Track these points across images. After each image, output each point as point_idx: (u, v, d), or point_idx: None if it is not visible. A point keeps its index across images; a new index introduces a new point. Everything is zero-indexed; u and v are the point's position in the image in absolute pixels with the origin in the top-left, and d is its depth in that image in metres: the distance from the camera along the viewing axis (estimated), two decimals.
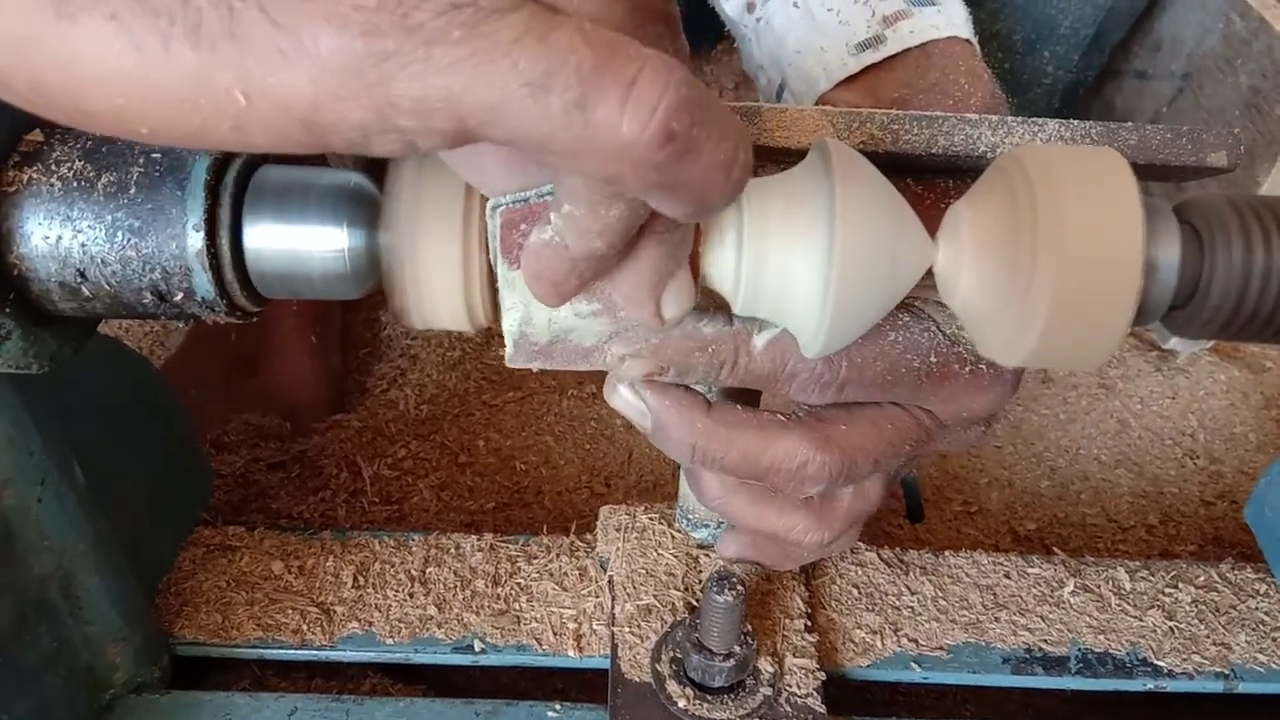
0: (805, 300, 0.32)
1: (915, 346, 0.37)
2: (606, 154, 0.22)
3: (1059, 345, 0.30)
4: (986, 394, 0.39)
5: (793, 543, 0.44)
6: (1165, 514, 0.77)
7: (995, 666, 0.56)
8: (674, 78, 0.22)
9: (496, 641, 0.56)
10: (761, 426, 0.38)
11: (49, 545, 0.47)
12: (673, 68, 0.22)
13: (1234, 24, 0.78)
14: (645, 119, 0.22)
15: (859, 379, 0.37)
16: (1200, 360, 0.90)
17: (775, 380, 0.37)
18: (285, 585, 0.58)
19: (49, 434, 0.45)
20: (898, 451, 0.39)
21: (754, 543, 0.47)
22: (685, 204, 0.24)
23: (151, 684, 0.54)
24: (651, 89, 0.22)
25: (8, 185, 0.32)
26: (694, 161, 0.23)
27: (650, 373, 0.37)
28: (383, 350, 0.88)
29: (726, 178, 0.24)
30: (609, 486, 0.77)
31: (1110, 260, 0.29)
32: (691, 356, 0.36)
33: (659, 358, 0.36)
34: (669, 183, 0.23)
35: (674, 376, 0.37)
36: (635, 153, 0.22)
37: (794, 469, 0.38)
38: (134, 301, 0.33)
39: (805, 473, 0.38)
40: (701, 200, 0.24)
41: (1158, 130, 0.38)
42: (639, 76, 0.22)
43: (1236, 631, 0.58)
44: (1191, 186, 0.70)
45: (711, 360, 0.37)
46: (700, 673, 0.50)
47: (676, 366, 0.37)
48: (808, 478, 0.38)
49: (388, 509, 0.74)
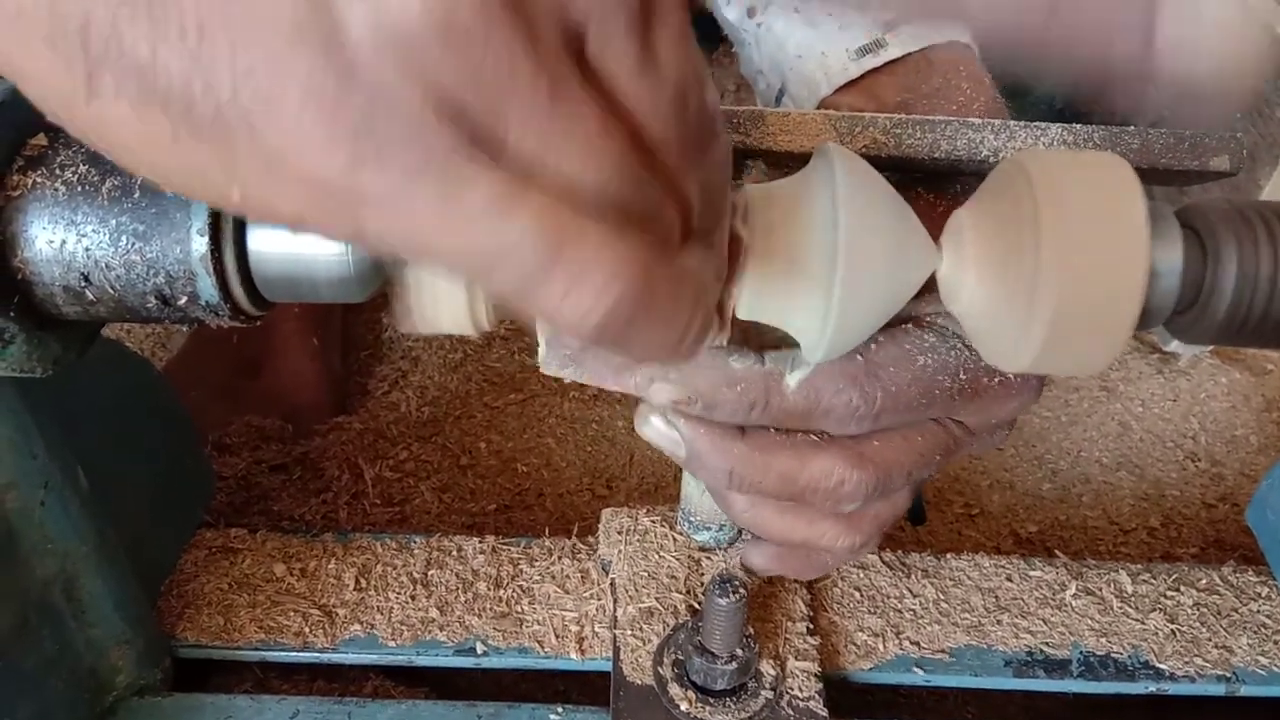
0: (809, 306, 0.32)
1: (945, 367, 0.37)
2: (550, 320, 0.24)
3: (1062, 351, 0.30)
4: (1015, 400, 0.39)
5: (822, 550, 0.43)
6: (1167, 516, 0.77)
7: (997, 669, 0.56)
8: (620, 275, 0.23)
9: (498, 644, 0.56)
10: (796, 448, 0.38)
11: (52, 548, 0.47)
12: (621, 263, 0.23)
13: None
14: (581, 313, 0.23)
15: (894, 407, 0.37)
16: (1201, 363, 0.90)
17: (809, 418, 0.37)
18: (287, 587, 0.58)
19: (52, 437, 0.45)
20: (929, 462, 0.39)
21: (779, 554, 0.47)
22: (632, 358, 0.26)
23: (154, 686, 0.54)
24: (591, 288, 0.23)
25: (12, 189, 0.32)
26: (633, 342, 0.25)
27: (679, 400, 0.37)
28: (384, 352, 0.88)
29: (672, 352, 0.26)
30: (610, 489, 0.77)
31: (1113, 266, 0.29)
32: (719, 391, 0.36)
33: (687, 385, 0.36)
34: (610, 347, 0.25)
35: (702, 409, 0.37)
36: (573, 330, 0.24)
37: (831, 488, 0.38)
38: (138, 306, 0.33)
39: (842, 491, 0.38)
40: (645, 359, 0.25)
41: (1160, 134, 0.38)
42: (583, 273, 0.23)
43: (1238, 634, 0.58)
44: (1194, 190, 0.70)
45: (740, 399, 0.36)
46: (702, 675, 0.50)
47: (704, 399, 0.37)
48: (844, 495, 0.38)
49: (389, 511, 0.74)
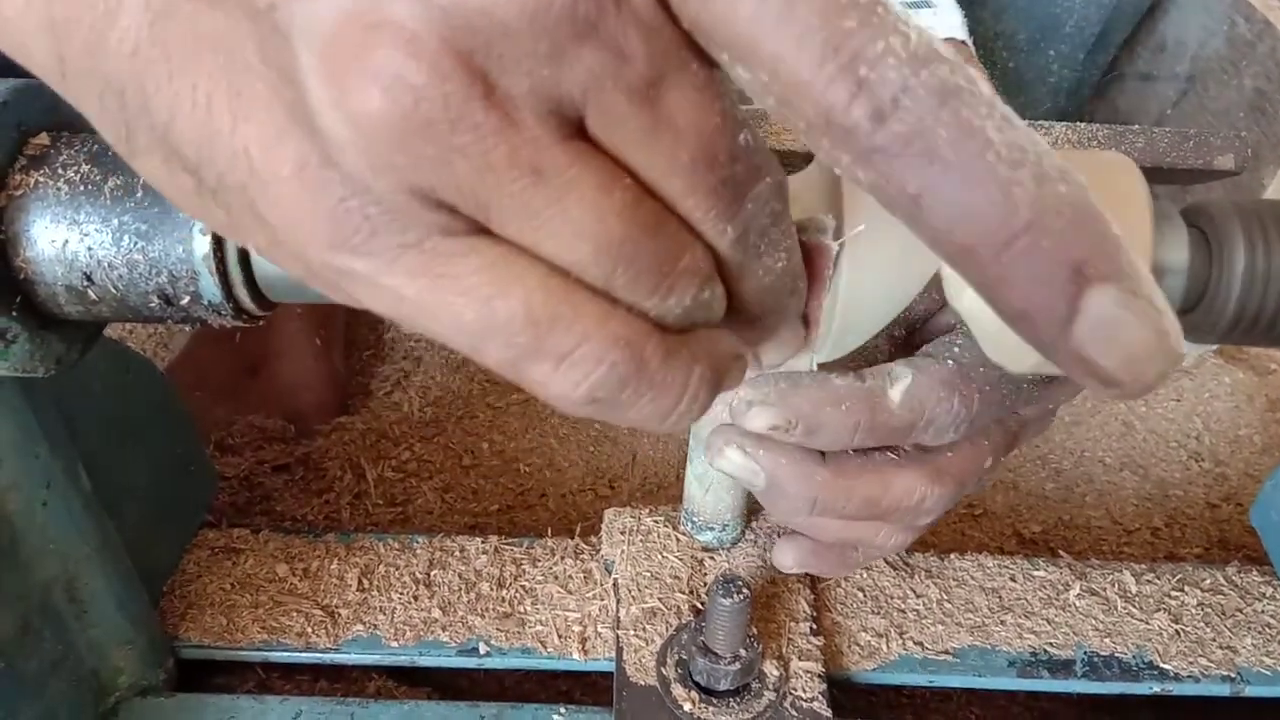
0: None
1: None
2: (537, 394, 0.24)
3: None
4: (1071, 387, 0.39)
5: (873, 549, 0.43)
6: (1170, 517, 0.77)
7: (1001, 670, 0.56)
8: (611, 353, 0.23)
9: (501, 644, 0.56)
10: (879, 470, 0.38)
11: (54, 549, 0.47)
12: (612, 342, 0.23)
13: (1238, 26, 0.78)
14: (570, 388, 0.24)
15: (985, 409, 0.37)
16: (1205, 363, 0.89)
17: (910, 432, 0.37)
18: (290, 588, 0.58)
19: (54, 437, 0.45)
20: (995, 464, 0.40)
21: (816, 550, 0.46)
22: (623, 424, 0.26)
23: (156, 687, 0.54)
24: (581, 366, 0.23)
25: (14, 189, 0.32)
26: (625, 413, 0.25)
27: (777, 425, 0.36)
28: (386, 352, 0.88)
29: (661, 422, 0.26)
30: (613, 489, 0.77)
31: None
32: (823, 412, 0.36)
33: (788, 407, 0.35)
34: (602, 418, 0.25)
35: (802, 434, 0.36)
36: (563, 405, 0.24)
37: (912, 506, 0.38)
38: (140, 305, 0.33)
39: (923, 507, 0.38)
40: (640, 426, 0.25)
41: (1165, 133, 0.38)
42: (574, 352, 0.23)
43: (1243, 634, 0.58)
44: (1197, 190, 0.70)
45: (845, 419, 0.36)
46: (705, 676, 0.50)
47: (806, 422, 0.36)
48: (924, 511, 0.39)
49: (392, 511, 0.74)
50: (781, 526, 0.58)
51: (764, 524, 0.60)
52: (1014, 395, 0.37)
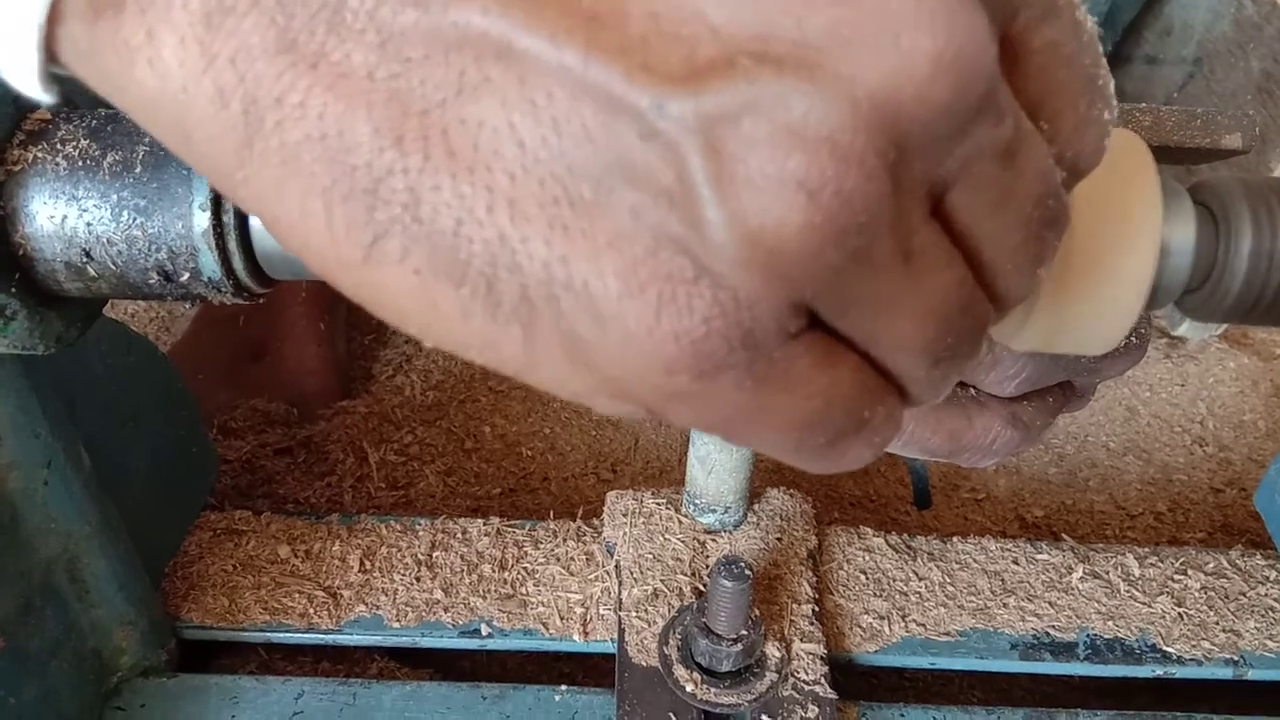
0: None
1: None
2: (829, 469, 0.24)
3: (1070, 329, 0.30)
4: (1129, 358, 0.40)
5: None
6: (1174, 501, 0.77)
7: (1003, 652, 0.56)
8: (895, 427, 0.23)
9: (503, 626, 0.56)
10: (963, 406, 0.39)
11: (55, 528, 0.47)
12: (896, 416, 0.23)
13: (1245, 8, 0.77)
14: (870, 456, 0.23)
15: (1052, 370, 0.37)
16: (1209, 347, 0.89)
17: (979, 367, 0.37)
18: (292, 569, 0.58)
19: (55, 417, 0.45)
20: (1053, 422, 0.41)
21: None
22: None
23: (158, 667, 0.54)
24: (881, 433, 0.23)
25: (13, 164, 0.32)
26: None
27: None
28: (389, 336, 0.88)
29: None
30: (615, 472, 0.77)
31: (1125, 243, 0.29)
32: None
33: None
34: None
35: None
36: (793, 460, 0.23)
37: (988, 444, 0.39)
38: (140, 282, 0.33)
39: (994, 447, 0.39)
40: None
41: (1172, 112, 0.38)
42: (883, 428, 0.23)
43: (1246, 618, 0.58)
44: (1203, 170, 0.70)
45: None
46: (708, 657, 0.50)
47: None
48: (995, 451, 0.39)
49: (394, 494, 0.74)
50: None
51: (766, 506, 0.60)
52: (1073, 364, 0.38)
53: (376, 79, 0.19)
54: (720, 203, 0.18)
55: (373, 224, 0.20)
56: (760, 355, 0.20)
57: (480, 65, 0.19)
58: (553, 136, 0.19)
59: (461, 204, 0.19)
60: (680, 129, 0.18)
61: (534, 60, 0.18)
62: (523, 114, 0.19)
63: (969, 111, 0.19)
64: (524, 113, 0.19)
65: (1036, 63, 0.21)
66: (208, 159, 0.21)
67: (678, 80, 0.18)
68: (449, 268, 0.20)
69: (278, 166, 0.20)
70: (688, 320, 0.19)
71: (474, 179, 0.19)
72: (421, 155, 0.19)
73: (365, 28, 0.19)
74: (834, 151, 0.18)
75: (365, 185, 0.19)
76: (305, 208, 0.20)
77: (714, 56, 0.18)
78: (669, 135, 0.18)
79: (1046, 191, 0.21)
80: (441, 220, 0.19)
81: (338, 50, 0.19)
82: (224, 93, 0.20)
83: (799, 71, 0.18)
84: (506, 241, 0.19)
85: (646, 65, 0.18)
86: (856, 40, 0.18)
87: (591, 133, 0.18)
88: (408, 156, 0.19)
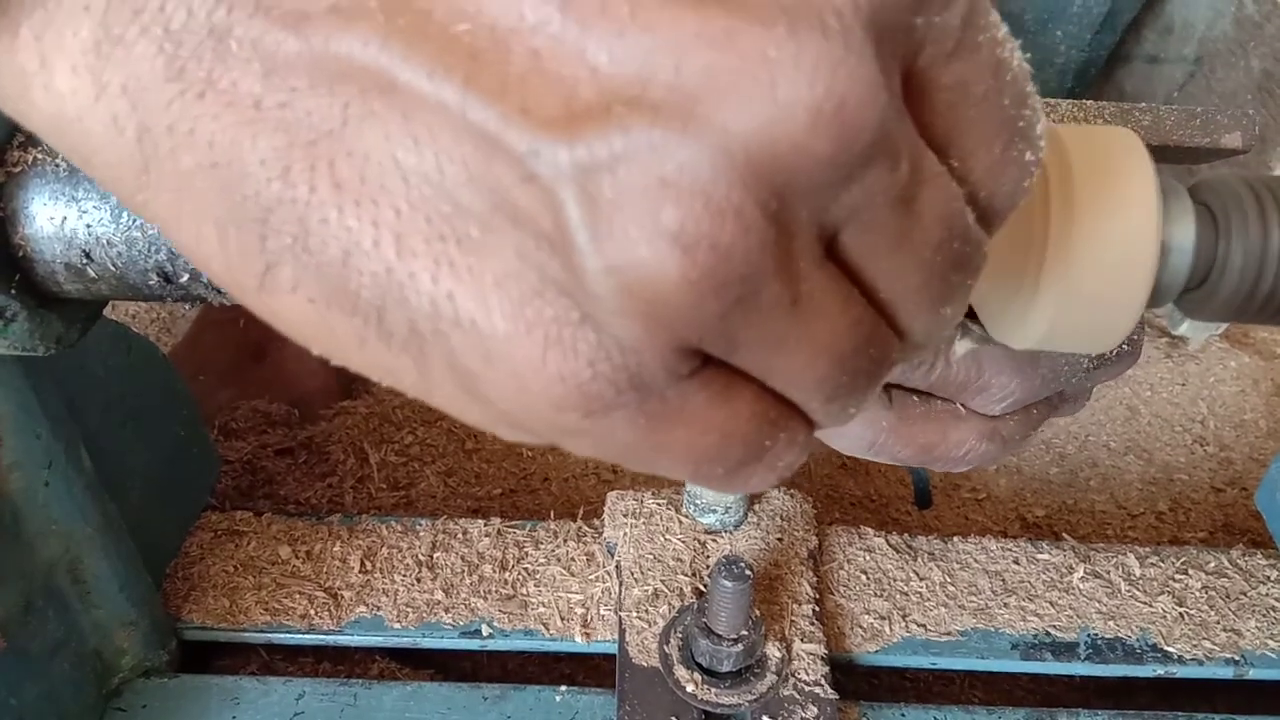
0: None
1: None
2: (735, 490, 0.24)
3: (1070, 329, 0.30)
4: (1118, 366, 0.40)
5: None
6: (1175, 501, 0.77)
7: (1004, 652, 0.56)
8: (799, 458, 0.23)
9: (504, 626, 0.56)
10: (939, 420, 0.38)
11: (56, 529, 0.47)
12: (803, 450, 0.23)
13: (1246, 7, 0.77)
14: (773, 480, 0.23)
15: (1042, 389, 0.37)
16: (1210, 347, 0.89)
17: (965, 390, 0.37)
18: (293, 570, 0.58)
19: (56, 417, 0.45)
20: (1038, 431, 0.41)
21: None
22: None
23: (159, 668, 0.54)
24: (785, 459, 0.23)
25: (13, 166, 0.32)
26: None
27: None
28: None
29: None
30: (616, 473, 0.77)
31: (1124, 242, 0.28)
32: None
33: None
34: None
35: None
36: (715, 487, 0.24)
37: (961, 456, 0.39)
38: (140, 283, 0.33)
39: (967, 459, 0.39)
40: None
41: (1172, 111, 0.38)
42: (785, 455, 0.23)
43: (1247, 617, 0.58)
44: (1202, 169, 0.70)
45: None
46: (708, 658, 0.50)
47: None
48: (968, 461, 0.39)
49: (395, 495, 0.74)
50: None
51: (766, 507, 0.60)
52: (1069, 376, 0.38)
53: (263, 108, 0.19)
54: (596, 252, 0.18)
55: (265, 253, 0.20)
56: (650, 395, 0.20)
57: (365, 98, 0.19)
58: (435, 174, 0.18)
59: (349, 236, 0.19)
60: (555, 176, 0.18)
61: (415, 95, 0.18)
62: (406, 150, 0.18)
63: (854, 160, 0.18)
64: (407, 148, 0.18)
65: (945, 100, 0.20)
66: (109, 182, 0.21)
67: (554, 125, 0.17)
68: (340, 298, 0.20)
69: (173, 192, 0.20)
70: (573, 363, 0.19)
71: (360, 212, 0.19)
72: (308, 187, 0.19)
73: (250, 57, 0.19)
74: (708, 205, 0.17)
75: (256, 215, 0.19)
76: (200, 234, 0.20)
77: (590, 101, 0.17)
78: (545, 181, 0.18)
79: (950, 235, 0.21)
80: (330, 251, 0.19)
81: (225, 78, 0.19)
82: (118, 120, 0.20)
83: (672, 121, 0.17)
84: (393, 275, 0.19)
85: (524, 108, 0.18)
86: (732, 89, 0.17)
87: (473, 172, 0.18)
88: (295, 188, 0.19)
